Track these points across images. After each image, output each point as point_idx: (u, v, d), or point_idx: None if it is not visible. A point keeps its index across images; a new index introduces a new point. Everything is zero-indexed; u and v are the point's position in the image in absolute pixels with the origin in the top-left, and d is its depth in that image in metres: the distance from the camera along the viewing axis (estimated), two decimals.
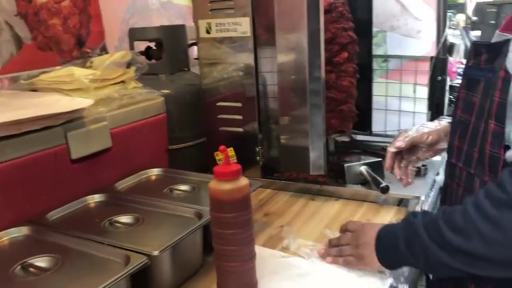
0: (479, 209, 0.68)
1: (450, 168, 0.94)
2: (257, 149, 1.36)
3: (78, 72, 1.17)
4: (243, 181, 0.83)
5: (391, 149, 1.07)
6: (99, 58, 1.31)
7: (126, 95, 1.23)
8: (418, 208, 1.19)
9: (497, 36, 0.84)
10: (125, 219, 0.97)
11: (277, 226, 1.13)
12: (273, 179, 1.38)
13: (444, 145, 1.06)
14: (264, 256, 0.94)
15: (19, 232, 0.92)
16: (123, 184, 1.16)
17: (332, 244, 0.95)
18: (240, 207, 0.82)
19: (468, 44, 3.86)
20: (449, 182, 0.96)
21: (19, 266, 0.81)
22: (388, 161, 1.09)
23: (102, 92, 1.18)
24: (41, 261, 0.82)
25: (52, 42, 1.48)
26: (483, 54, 0.86)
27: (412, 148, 1.09)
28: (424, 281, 1.13)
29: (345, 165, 1.31)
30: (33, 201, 0.99)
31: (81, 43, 1.59)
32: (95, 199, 1.07)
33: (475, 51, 0.89)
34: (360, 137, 1.78)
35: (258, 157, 1.37)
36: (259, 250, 0.87)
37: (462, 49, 3.88)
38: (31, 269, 0.80)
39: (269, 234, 1.09)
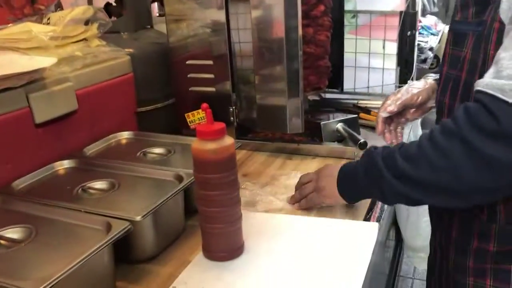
0: (431, 140, 0.71)
1: None
2: (231, 109, 1.31)
3: (36, 29, 1.07)
4: (228, 140, 0.79)
5: (383, 114, 1.06)
6: (57, 13, 1.21)
7: (89, 54, 1.14)
8: None
9: None
10: (99, 185, 0.91)
11: (257, 187, 1.11)
12: (248, 140, 1.35)
13: (432, 103, 1.05)
14: (248, 217, 0.91)
15: None
16: (92, 149, 1.09)
17: (296, 187, 1.00)
18: (226, 167, 0.78)
19: (426, 1, 3.89)
20: None
21: None
22: (379, 127, 1.07)
23: (64, 50, 1.09)
24: (12, 233, 0.76)
25: None
26: (470, 8, 0.82)
27: (402, 110, 1.08)
28: None
29: (322, 122, 1.29)
30: None
31: None
32: (64, 165, 1.00)
33: (462, 5, 0.85)
34: (329, 95, 1.77)
35: (232, 118, 1.32)
36: (242, 211, 0.84)
37: (420, 6, 3.92)
38: (2, 242, 0.74)
39: (250, 194, 1.06)
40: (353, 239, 0.86)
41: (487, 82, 0.66)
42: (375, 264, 0.98)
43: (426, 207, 1.66)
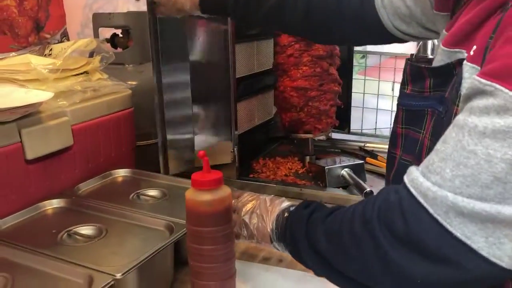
0: (351, 221, 0.57)
1: None
2: (231, 150, 1.27)
3: (36, 61, 1.04)
4: (225, 190, 0.74)
5: None
6: (60, 45, 1.18)
7: (89, 88, 1.10)
8: None
9: (444, 54, 0.61)
10: (86, 230, 0.86)
11: None
12: (248, 181, 1.30)
13: None
14: (243, 270, 0.85)
15: None
16: (86, 187, 1.05)
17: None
18: (221, 220, 0.73)
19: (436, 43, 3.89)
20: None
21: None
22: None
23: (63, 84, 1.06)
24: None
25: (6, 25, 1.34)
26: (426, 78, 0.64)
27: None
28: None
29: (326, 167, 1.24)
30: None
31: (39, 27, 1.45)
32: (52, 204, 0.95)
33: (413, 74, 0.67)
34: (335, 136, 1.72)
35: (232, 159, 1.28)
36: (237, 263, 0.78)
37: (429, 46, 3.92)
38: None
39: (246, 245, 1.00)
40: None
41: (414, 177, 0.52)
42: None
43: None
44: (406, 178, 0.53)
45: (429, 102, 0.64)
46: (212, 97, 1.26)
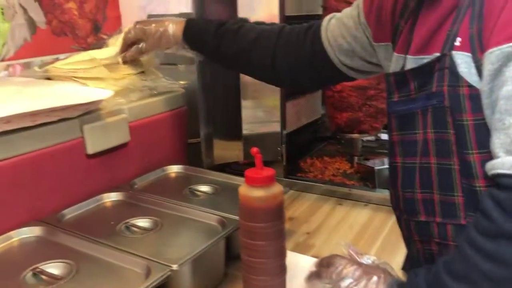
0: (475, 247, 0.56)
1: (419, 228, 0.71)
2: (279, 148, 1.29)
3: (97, 55, 1.09)
4: (277, 187, 0.75)
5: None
6: (112, 39, 1.23)
7: (146, 87, 1.15)
8: None
9: (412, 61, 0.70)
10: (142, 222, 0.90)
11: (303, 232, 1.06)
12: (296, 179, 1.31)
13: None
14: (293, 263, 0.86)
15: (31, 232, 0.86)
16: (141, 181, 1.09)
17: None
18: (273, 216, 0.74)
19: None
20: (424, 246, 0.72)
21: (30, 272, 0.74)
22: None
23: (121, 82, 1.11)
24: (53, 268, 0.75)
25: (68, 27, 1.41)
26: (410, 82, 0.69)
27: None
28: None
29: (376, 167, 1.23)
30: (46, 199, 0.92)
31: (97, 28, 1.51)
32: (111, 197, 1.00)
33: (398, 81, 0.72)
34: (384, 136, 1.70)
35: (279, 157, 1.29)
36: (288, 255, 0.79)
37: None
38: (43, 276, 0.73)
39: (296, 242, 1.02)
40: None
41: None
42: None
43: None
44: (501, 169, 0.54)
45: (417, 104, 0.69)
46: (261, 95, 1.27)
